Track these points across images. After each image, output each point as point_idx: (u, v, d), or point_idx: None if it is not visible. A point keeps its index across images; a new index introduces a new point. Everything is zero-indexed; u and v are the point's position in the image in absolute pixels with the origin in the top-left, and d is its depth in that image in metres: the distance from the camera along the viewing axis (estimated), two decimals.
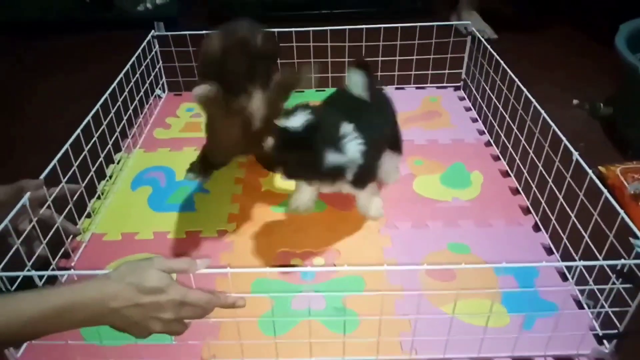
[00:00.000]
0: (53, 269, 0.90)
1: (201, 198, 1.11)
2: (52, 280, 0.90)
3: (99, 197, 1.11)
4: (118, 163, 1.21)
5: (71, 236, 0.97)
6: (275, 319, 0.74)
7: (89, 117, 1.02)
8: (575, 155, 0.87)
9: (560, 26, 1.90)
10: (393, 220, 1.04)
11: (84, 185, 0.99)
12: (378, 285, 0.88)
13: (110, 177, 1.17)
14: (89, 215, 1.06)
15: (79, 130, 0.98)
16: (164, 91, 1.52)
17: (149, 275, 0.62)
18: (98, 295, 0.59)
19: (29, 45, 1.92)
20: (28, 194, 0.80)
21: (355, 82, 0.98)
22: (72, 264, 0.95)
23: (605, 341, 0.77)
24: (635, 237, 0.71)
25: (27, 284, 0.71)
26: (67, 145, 0.94)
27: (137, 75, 1.29)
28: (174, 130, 1.36)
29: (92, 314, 0.59)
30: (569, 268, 0.89)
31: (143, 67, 1.33)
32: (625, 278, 0.68)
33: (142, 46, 1.34)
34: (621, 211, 0.75)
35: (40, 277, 0.81)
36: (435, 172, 1.17)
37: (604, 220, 0.79)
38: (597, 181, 0.81)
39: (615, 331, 0.74)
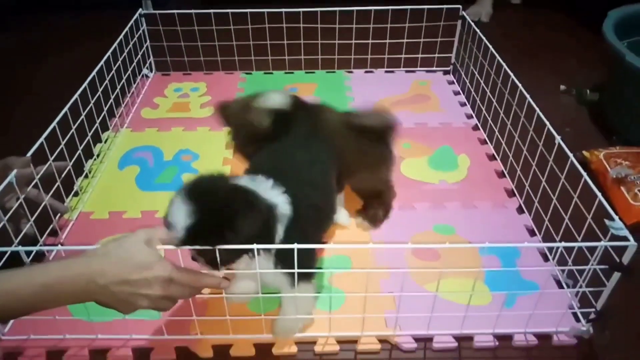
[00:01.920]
0: (41, 246, 0.90)
1: (189, 178, 1.11)
2: (39, 257, 0.90)
3: (86, 176, 1.10)
4: (105, 142, 1.20)
5: (59, 214, 0.97)
6: (263, 296, 0.75)
7: (76, 96, 1.01)
8: (558, 139, 0.88)
9: (550, 12, 1.91)
10: None
11: (71, 163, 0.99)
12: (364, 265, 0.90)
13: (98, 156, 1.16)
14: (76, 194, 1.06)
15: (66, 109, 0.97)
16: (151, 71, 1.50)
17: (137, 251, 0.61)
18: (86, 271, 0.59)
19: (17, 25, 1.88)
20: (15, 171, 0.80)
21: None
22: (60, 242, 0.95)
23: (582, 319, 0.80)
24: (611, 219, 0.72)
25: (14, 261, 0.71)
26: (54, 123, 0.93)
27: (125, 54, 1.28)
28: (162, 110, 1.35)
29: (80, 290, 0.59)
30: (549, 249, 0.91)
31: (130, 46, 1.31)
32: (617, 268, 0.69)
33: (129, 25, 1.32)
34: (599, 194, 0.77)
35: (28, 254, 0.81)
36: (423, 155, 1.18)
37: (585, 203, 0.81)
38: (578, 165, 0.83)
39: (592, 309, 0.76)
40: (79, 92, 1.02)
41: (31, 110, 1.35)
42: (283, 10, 1.38)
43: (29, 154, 0.85)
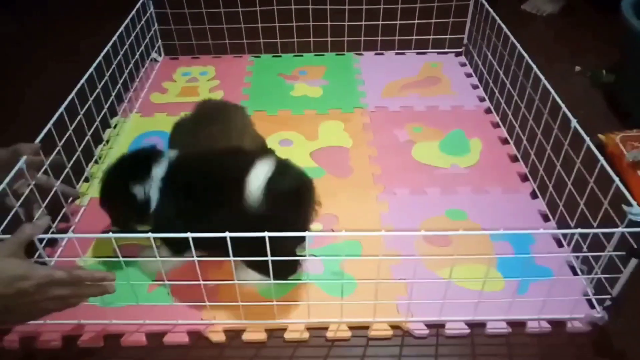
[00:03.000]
0: (53, 232, 0.90)
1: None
2: (52, 243, 0.91)
3: (96, 162, 1.10)
4: (114, 128, 1.20)
5: (70, 199, 0.97)
6: (274, 282, 0.75)
7: (82, 81, 1.00)
8: (574, 122, 0.86)
9: None
10: (391, 187, 1.04)
11: (80, 149, 0.99)
12: (375, 250, 0.89)
13: (107, 141, 1.16)
14: (87, 180, 1.06)
15: (73, 94, 0.96)
16: (160, 55, 1.49)
17: (4, 266, 0.61)
18: None
19: (20, 8, 1.87)
20: (24, 157, 0.80)
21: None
22: (72, 228, 0.96)
23: (597, 306, 0.79)
24: (629, 204, 0.71)
25: (27, 247, 0.71)
26: (61, 109, 0.92)
27: (132, 38, 1.26)
28: (171, 94, 1.34)
29: None
30: (564, 235, 0.90)
31: (137, 29, 1.30)
32: (634, 254, 0.68)
33: (135, 7, 1.31)
34: (616, 179, 0.75)
35: (41, 240, 0.81)
36: (435, 139, 1.17)
37: (601, 187, 0.80)
38: (594, 149, 0.81)
39: (608, 296, 0.75)
40: (85, 77, 1.01)
41: (38, 96, 1.34)
42: None
43: (37, 140, 0.85)
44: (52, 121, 0.89)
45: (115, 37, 1.17)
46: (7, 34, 1.72)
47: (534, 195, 1.01)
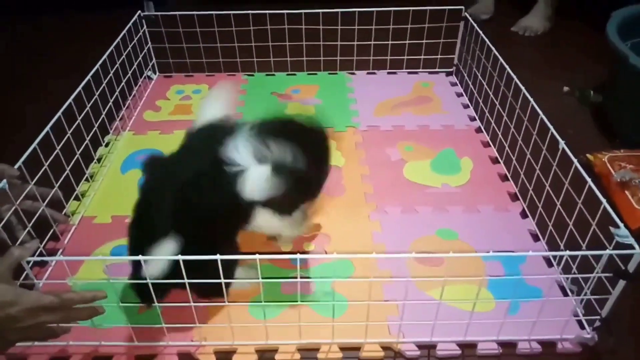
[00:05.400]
0: (42, 252, 0.89)
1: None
2: (41, 263, 0.90)
3: (87, 180, 1.10)
4: (107, 146, 1.20)
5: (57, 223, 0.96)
6: (265, 304, 0.74)
7: (70, 100, 1.00)
8: (562, 144, 0.88)
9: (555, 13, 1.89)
10: (383, 206, 1.04)
11: (69, 168, 0.99)
12: (367, 270, 0.89)
13: (99, 159, 1.16)
14: (77, 198, 1.05)
15: (59, 113, 0.96)
16: (155, 73, 1.50)
17: None
18: None
19: (12, 25, 1.87)
20: (4, 181, 0.79)
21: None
22: (63, 248, 0.95)
23: (587, 326, 0.79)
24: (616, 226, 0.72)
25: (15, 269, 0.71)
26: (47, 128, 0.92)
27: (123, 56, 1.27)
28: (164, 112, 1.35)
29: None
30: (554, 256, 0.91)
31: (129, 48, 1.31)
32: (622, 276, 0.69)
33: (127, 27, 1.32)
34: (604, 200, 0.76)
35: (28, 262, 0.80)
36: (426, 158, 1.18)
37: (589, 208, 0.81)
38: (582, 171, 0.82)
39: (597, 317, 0.76)
40: (73, 95, 1.01)
41: (28, 115, 1.34)
42: (285, 12, 1.38)
43: (21, 160, 0.84)
44: (36, 141, 0.88)
45: (105, 57, 1.18)
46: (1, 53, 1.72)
47: (524, 215, 1.02)
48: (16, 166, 0.83)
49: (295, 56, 1.47)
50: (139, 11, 1.39)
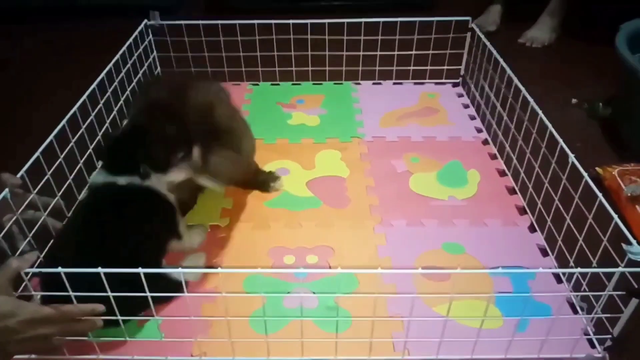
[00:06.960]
0: (41, 262, 0.88)
1: None
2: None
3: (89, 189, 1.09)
4: None
5: None
6: (267, 318, 0.73)
7: (74, 109, 1.00)
8: (572, 157, 0.86)
9: (562, 24, 1.88)
10: (388, 218, 1.03)
11: (71, 177, 0.98)
12: (371, 285, 0.87)
13: None
14: None
15: (63, 122, 0.96)
16: None
17: None
18: None
19: (19, 34, 1.88)
20: (6, 190, 0.78)
21: None
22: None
23: (598, 345, 0.77)
24: (628, 243, 0.70)
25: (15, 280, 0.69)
26: (51, 137, 0.91)
27: (129, 65, 1.26)
28: None
29: None
30: (563, 272, 0.88)
31: (135, 57, 1.30)
32: (635, 294, 0.67)
33: (133, 36, 1.31)
34: (615, 216, 0.74)
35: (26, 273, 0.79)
36: (432, 170, 1.16)
37: (599, 222, 0.79)
38: (593, 185, 0.80)
39: (609, 336, 0.73)
40: (77, 104, 1.01)
41: (34, 123, 1.34)
42: (291, 21, 1.37)
43: (24, 169, 0.84)
44: (40, 150, 0.87)
45: (110, 65, 1.17)
46: (9, 62, 1.73)
47: (532, 229, 1.00)
48: (19, 175, 0.83)
49: (301, 66, 1.46)
50: (145, 20, 1.39)
